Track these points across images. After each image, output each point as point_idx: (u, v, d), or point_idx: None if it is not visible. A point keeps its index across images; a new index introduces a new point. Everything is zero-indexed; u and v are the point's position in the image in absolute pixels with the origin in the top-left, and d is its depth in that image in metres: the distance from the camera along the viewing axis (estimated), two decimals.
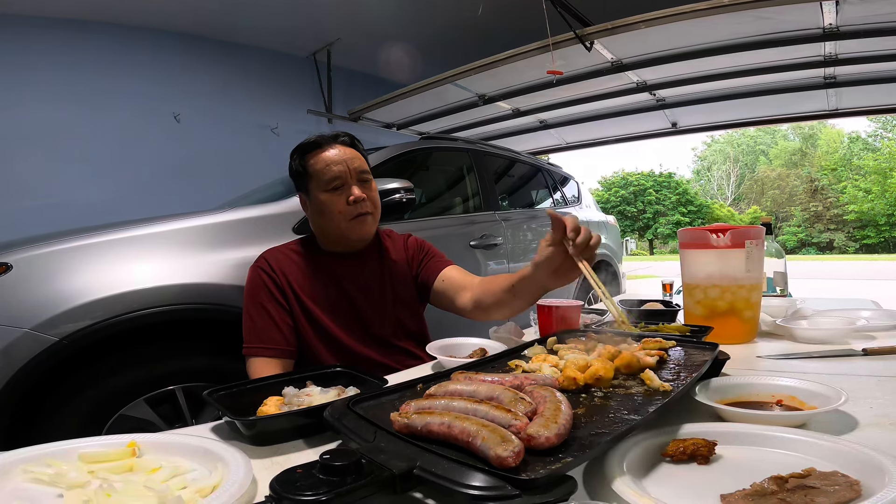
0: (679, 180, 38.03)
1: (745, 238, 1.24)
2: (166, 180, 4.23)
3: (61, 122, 3.83)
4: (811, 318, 1.38)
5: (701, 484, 0.54)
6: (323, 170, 1.31)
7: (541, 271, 1.08)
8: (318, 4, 4.23)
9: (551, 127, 4.75)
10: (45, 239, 1.60)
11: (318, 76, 5.20)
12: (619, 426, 0.60)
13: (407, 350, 1.39)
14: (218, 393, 0.83)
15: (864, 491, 0.48)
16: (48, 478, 0.57)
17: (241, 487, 0.53)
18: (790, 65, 3.27)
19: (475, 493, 0.45)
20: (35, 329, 1.41)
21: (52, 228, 2.01)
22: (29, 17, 3.73)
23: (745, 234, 1.24)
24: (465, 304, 1.33)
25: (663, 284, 2.09)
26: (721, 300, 1.25)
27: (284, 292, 1.31)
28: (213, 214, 1.87)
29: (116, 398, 1.53)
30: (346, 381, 0.91)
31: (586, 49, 2.98)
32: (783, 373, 0.90)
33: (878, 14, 2.57)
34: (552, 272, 1.07)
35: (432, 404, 0.62)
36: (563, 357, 0.86)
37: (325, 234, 1.38)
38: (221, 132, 4.66)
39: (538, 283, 1.12)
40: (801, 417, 0.69)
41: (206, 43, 4.64)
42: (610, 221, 4.65)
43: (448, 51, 4.58)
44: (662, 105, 4.12)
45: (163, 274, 1.62)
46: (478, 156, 3.18)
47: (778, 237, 11.61)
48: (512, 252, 3.01)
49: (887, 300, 1.61)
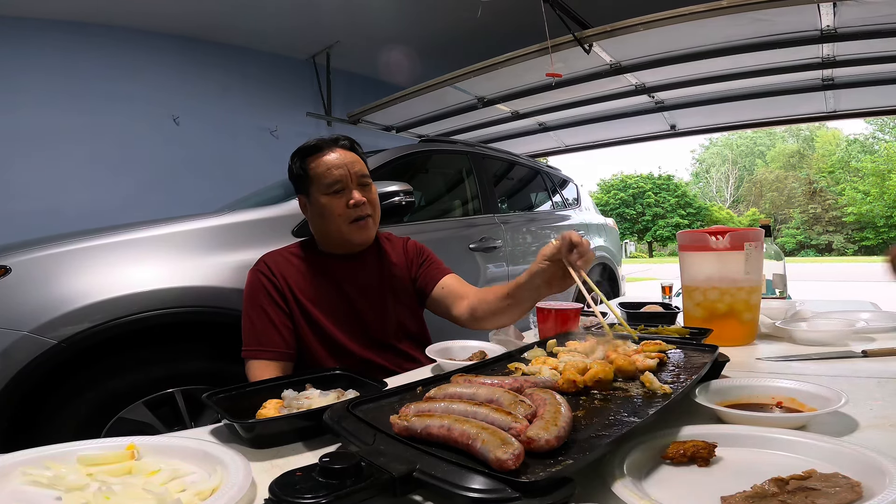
0: (678, 183, 38.10)
1: (744, 240, 1.24)
2: (166, 183, 4.23)
3: (60, 124, 3.83)
4: (810, 320, 1.38)
5: (701, 486, 0.54)
6: (324, 173, 1.32)
7: (537, 279, 1.15)
8: (317, 7, 4.24)
9: (550, 129, 4.75)
10: (45, 242, 1.60)
11: (317, 79, 5.20)
12: (619, 428, 0.60)
13: (406, 353, 1.39)
14: (217, 395, 0.83)
15: (865, 492, 0.48)
16: (47, 480, 0.57)
17: (240, 490, 0.52)
18: (788, 67, 3.28)
19: (475, 495, 0.45)
20: (34, 332, 1.40)
21: (52, 231, 2.01)
22: (28, 19, 3.72)
23: (744, 237, 1.24)
24: (461, 314, 1.35)
25: (662, 287, 2.10)
26: (720, 302, 1.25)
27: (284, 295, 1.31)
28: (212, 217, 1.87)
29: (115, 401, 1.53)
30: (346, 383, 0.91)
31: (585, 51, 2.99)
32: (783, 375, 0.90)
33: (875, 16, 2.58)
34: (546, 280, 1.14)
35: (432, 407, 0.62)
36: (563, 359, 0.86)
37: (325, 237, 1.39)
38: (221, 135, 4.66)
39: (534, 290, 1.18)
40: (801, 419, 0.69)
41: (205, 46, 4.64)
42: (609, 224, 4.65)
43: (447, 53, 4.59)
44: (661, 107, 4.13)
45: (162, 277, 1.62)
46: (477, 158, 3.19)
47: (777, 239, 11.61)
48: (511, 255, 3.01)
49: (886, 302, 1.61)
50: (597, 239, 4.15)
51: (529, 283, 1.16)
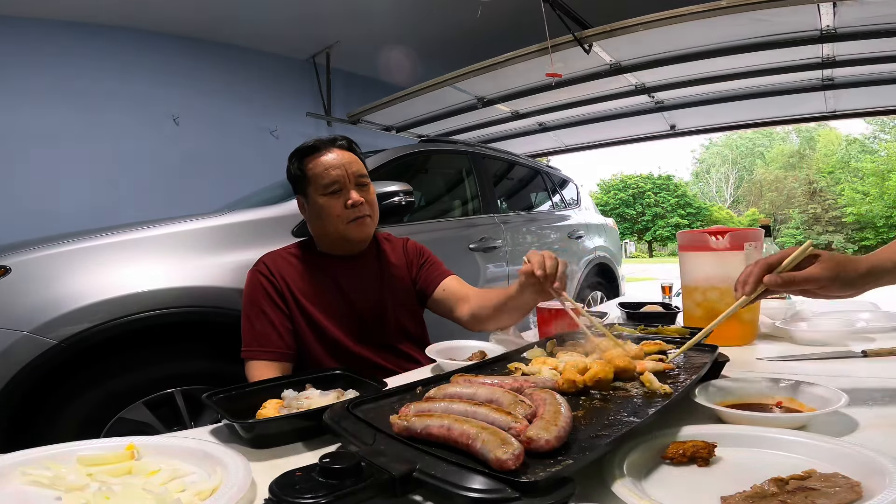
0: (678, 183, 38.06)
1: (744, 240, 1.24)
2: (165, 183, 4.22)
3: (60, 124, 3.82)
4: (810, 319, 1.38)
5: (701, 486, 0.54)
6: (321, 174, 1.32)
7: (526, 294, 1.16)
8: (317, 7, 4.24)
9: (550, 129, 4.75)
10: (44, 242, 1.60)
11: (317, 79, 5.20)
12: (619, 428, 0.60)
13: (406, 353, 1.39)
14: (217, 396, 0.83)
15: (865, 492, 0.48)
16: (47, 480, 0.57)
17: (240, 490, 0.52)
18: (788, 67, 3.27)
19: (475, 495, 0.45)
20: (34, 332, 1.40)
21: (51, 231, 2.01)
22: (27, 19, 3.72)
23: (744, 237, 1.24)
24: (463, 315, 1.36)
25: (662, 287, 2.09)
26: (720, 302, 1.25)
27: (283, 296, 1.31)
28: (212, 217, 1.87)
29: (115, 401, 1.53)
30: (346, 383, 0.91)
31: (585, 51, 2.98)
32: (783, 375, 0.90)
33: (875, 16, 2.58)
34: (533, 295, 1.16)
35: (432, 407, 0.62)
36: (563, 359, 0.86)
37: (323, 237, 1.39)
38: (220, 135, 4.65)
39: (525, 303, 1.21)
40: (801, 419, 0.69)
41: (205, 46, 4.63)
42: (609, 224, 4.65)
43: (447, 53, 4.59)
44: (661, 107, 4.12)
45: (162, 277, 1.62)
46: (477, 158, 3.19)
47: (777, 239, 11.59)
48: (511, 255, 3.01)
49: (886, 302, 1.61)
50: (597, 239, 4.15)
51: (520, 294, 1.18)
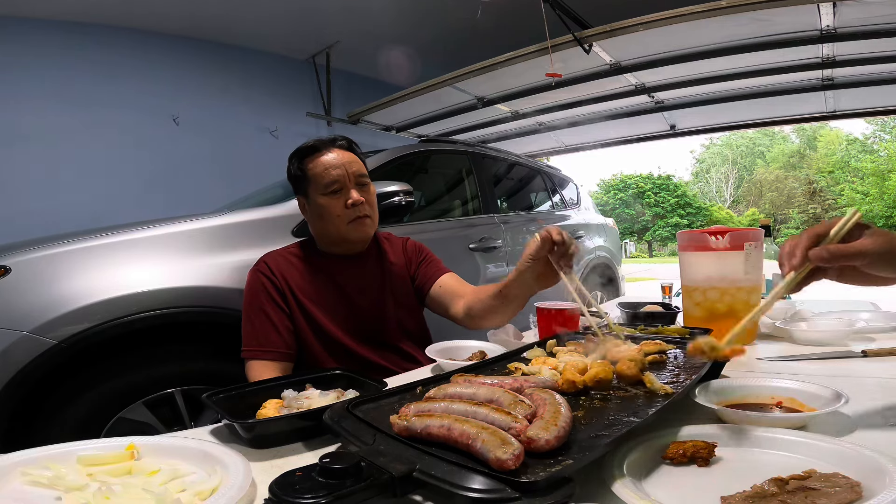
0: (678, 183, 38.11)
1: (744, 240, 1.24)
2: (165, 183, 4.22)
3: (60, 124, 3.83)
4: (810, 320, 1.38)
5: (701, 486, 0.54)
6: (321, 173, 1.32)
7: (526, 276, 1.12)
8: (317, 7, 4.24)
9: (550, 129, 4.75)
10: (44, 242, 1.60)
11: (317, 79, 5.20)
12: (619, 428, 0.60)
13: (406, 353, 1.39)
14: (217, 396, 0.83)
15: (865, 492, 0.48)
16: (47, 480, 0.57)
17: (240, 490, 0.52)
18: (788, 67, 3.27)
19: (475, 495, 0.45)
20: (34, 332, 1.40)
21: (51, 231, 2.01)
22: (27, 19, 3.72)
23: (744, 237, 1.24)
24: (458, 312, 1.35)
25: (662, 287, 2.09)
26: (720, 302, 1.25)
27: (284, 295, 1.31)
28: (212, 217, 1.87)
29: (115, 401, 1.53)
30: (346, 383, 0.91)
31: (585, 51, 2.98)
32: (783, 375, 0.90)
33: (875, 16, 2.58)
34: (535, 277, 1.12)
35: (432, 407, 0.62)
36: (563, 359, 0.86)
37: (324, 237, 1.39)
38: (221, 135, 4.66)
39: (524, 286, 1.15)
40: (801, 419, 0.69)
41: (205, 46, 4.64)
42: (609, 224, 4.65)
43: (447, 53, 4.59)
44: (661, 107, 4.12)
45: (162, 277, 1.62)
46: (477, 158, 3.19)
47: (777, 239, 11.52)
48: (511, 255, 3.01)
49: (886, 302, 1.61)
50: (597, 239, 4.15)
51: (519, 280, 1.14)
